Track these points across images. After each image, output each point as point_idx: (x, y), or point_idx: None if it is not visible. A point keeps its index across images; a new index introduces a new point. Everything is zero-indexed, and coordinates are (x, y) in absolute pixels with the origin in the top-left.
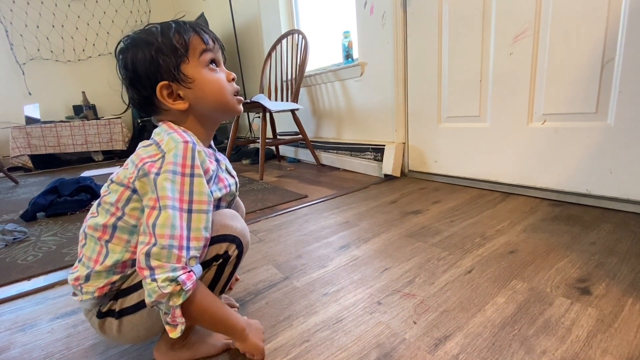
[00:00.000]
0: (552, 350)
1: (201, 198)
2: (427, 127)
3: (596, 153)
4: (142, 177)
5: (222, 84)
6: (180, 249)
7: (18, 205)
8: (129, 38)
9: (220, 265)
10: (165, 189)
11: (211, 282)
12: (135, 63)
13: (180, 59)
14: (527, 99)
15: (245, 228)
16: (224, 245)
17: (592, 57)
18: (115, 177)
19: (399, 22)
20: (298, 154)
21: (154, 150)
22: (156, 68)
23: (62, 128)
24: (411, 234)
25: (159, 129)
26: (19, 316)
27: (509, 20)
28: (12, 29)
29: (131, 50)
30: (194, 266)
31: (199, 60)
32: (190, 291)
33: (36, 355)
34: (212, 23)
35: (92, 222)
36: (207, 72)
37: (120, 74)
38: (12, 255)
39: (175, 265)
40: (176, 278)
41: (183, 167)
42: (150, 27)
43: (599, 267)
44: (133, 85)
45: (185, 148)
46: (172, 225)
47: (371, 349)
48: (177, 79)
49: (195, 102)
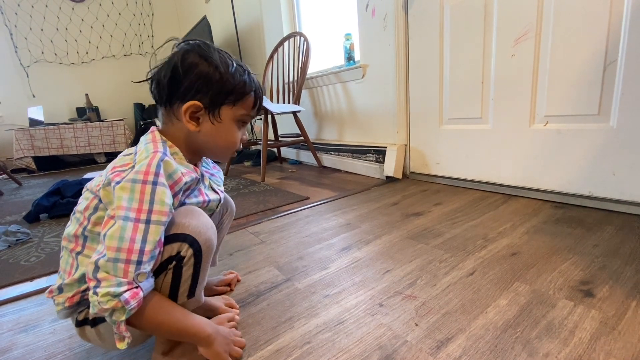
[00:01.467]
0: (554, 353)
1: (162, 208)
2: (428, 129)
3: (599, 155)
4: (106, 186)
5: (234, 142)
6: (127, 262)
7: (21, 206)
8: (205, 44)
9: (175, 268)
10: (121, 198)
11: (172, 286)
12: (192, 69)
13: (228, 101)
14: (529, 100)
15: (204, 224)
16: (175, 246)
17: (594, 59)
18: (89, 184)
19: (401, 24)
20: (300, 156)
21: (128, 160)
22: (205, 88)
23: (65, 130)
24: (413, 236)
25: (145, 137)
26: (22, 317)
27: (511, 22)
28: (17, 32)
29: (199, 56)
30: (143, 282)
31: (236, 114)
32: (135, 309)
33: (38, 356)
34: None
35: (66, 232)
36: (234, 125)
37: (170, 61)
38: (15, 256)
39: (121, 280)
40: (119, 294)
41: (146, 175)
42: (229, 54)
43: (602, 270)
44: (172, 80)
45: (153, 157)
46: (121, 237)
47: (373, 350)
48: (211, 111)
49: (204, 135)
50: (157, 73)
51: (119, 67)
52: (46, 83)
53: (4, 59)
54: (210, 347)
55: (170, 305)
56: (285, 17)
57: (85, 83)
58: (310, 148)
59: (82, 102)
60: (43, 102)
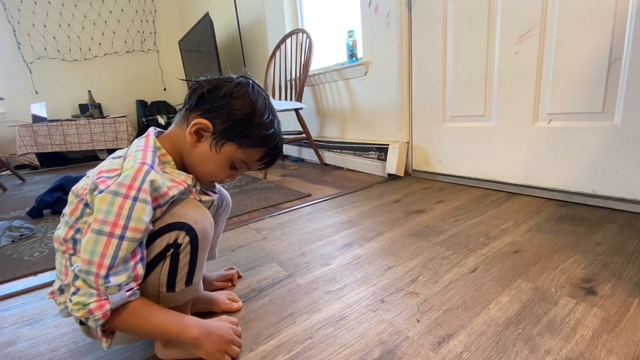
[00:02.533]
0: (556, 350)
1: (137, 225)
2: (431, 126)
3: (602, 153)
4: (92, 191)
5: (218, 177)
6: (97, 276)
7: (25, 202)
8: (261, 88)
9: (173, 255)
10: (99, 210)
11: (169, 273)
12: (230, 96)
13: (237, 141)
14: (533, 98)
15: (199, 214)
16: (173, 234)
17: (599, 56)
18: (75, 186)
19: (404, 21)
20: (301, 154)
21: (116, 165)
22: (227, 118)
23: (68, 126)
24: (415, 233)
25: (137, 141)
26: (26, 311)
27: (515, 19)
28: (20, 28)
29: (245, 92)
30: (114, 294)
31: (236, 155)
32: (101, 320)
33: (42, 349)
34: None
35: (56, 234)
36: (227, 163)
37: (221, 79)
38: (18, 251)
39: (91, 291)
40: (87, 304)
41: (128, 189)
42: (274, 110)
43: (604, 268)
44: (208, 93)
45: (139, 169)
46: (92, 251)
47: (374, 346)
48: (217, 139)
49: (196, 154)
50: (204, 81)
51: (121, 64)
52: (49, 79)
53: (7, 55)
54: (199, 348)
55: (150, 311)
56: (288, 13)
57: (87, 80)
58: (312, 145)
59: (85, 98)
60: (46, 98)
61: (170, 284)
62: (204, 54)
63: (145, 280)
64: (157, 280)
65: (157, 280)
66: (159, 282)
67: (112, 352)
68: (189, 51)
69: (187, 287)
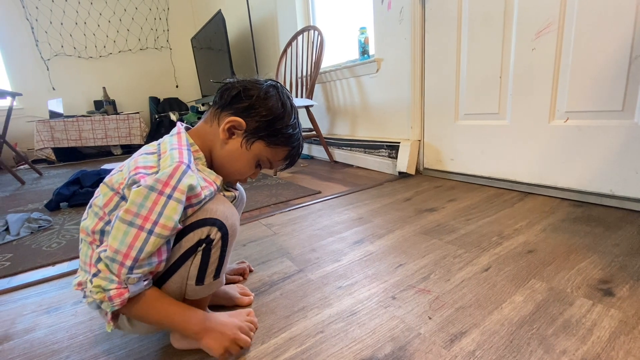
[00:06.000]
0: (572, 350)
1: (166, 223)
2: (443, 124)
3: (621, 153)
4: (130, 185)
5: (244, 174)
6: (121, 265)
7: (42, 195)
8: (288, 92)
9: (205, 250)
10: (133, 203)
11: (200, 268)
12: (266, 99)
13: (267, 139)
14: (550, 96)
15: (229, 210)
16: (205, 230)
17: (620, 53)
18: (108, 179)
19: (417, 17)
20: (311, 151)
21: (152, 162)
22: (262, 117)
23: (83, 122)
24: (426, 231)
25: (170, 138)
26: (44, 299)
27: (532, 15)
28: (38, 26)
29: (278, 95)
30: (132, 285)
31: (263, 153)
32: (117, 307)
33: (60, 337)
34: (229, 19)
35: (83, 225)
36: (254, 161)
37: (254, 80)
38: (37, 242)
39: (113, 278)
40: (107, 290)
41: (164, 186)
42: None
43: (622, 269)
44: (242, 93)
45: (177, 168)
46: (122, 240)
47: (386, 341)
48: (248, 137)
49: (226, 151)
50: (236, 81)
51: (135, 61)
52: (65, 76)
53: (26, 52)
54: (200, 341)
55: (161, 302)
56: (300, 10)
57: (102, 76)
58: (322, 143)
59: (100, 95)
60: (62, 94)
61: (200, 277)
62: (215, 51)
63: (174, 274)
64: (187, 274)
65: (186, 274)
66: (188, 275)
67: (127, 340)
68: (200, 48)
69: (215, 280)
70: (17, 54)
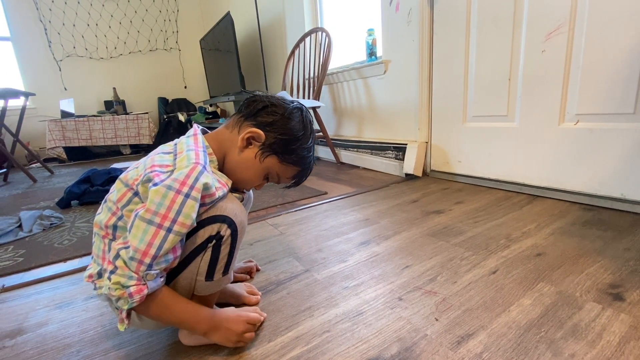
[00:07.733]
0: (581, 354)
1: (185, 221)
2: (451, 126)
3: (633, 156)
4: (145, 182)
5: (252, 183)
6: (140, 262)
7: (53, 193)
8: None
9: (215, 246)
10: (152, 201)
11: (210, 264)
12: (289, 119)
13: (281, 156)
14: (559, 98)
15: (238, 208)
16: (215, 226)
17: (632, 55)
18: (124, 175)
19: (426, 19)
20: (318, 152)
21: (168, 161)
22: (282, 134)
23: (94, 122)
24: (433, 233)
25: (187, 139)
26: (56, 295)
27: (542, 16)
28: (51, 27)
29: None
30: (151, 281)
31: (273, 168)
32: (136, 303)
33: (72, 331)
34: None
35: (97, 219)
36: (263, 173)
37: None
38: (49, 239)
39: (132, 274)
40: (127, 286)
41: (182, 185)
42: (314, 139)
43: (633, 274)
44: (269, 108)
45: (193, 169)
46: (141, 238)
47: (392, 342)
48: (264, 150)
49: (240, 158)
50: (265, 96)
51: (144, 62)
52: (77, 77)
53: (39, 53)
54: (210, 338)
55: (173, 301)
56: (308, 12)
57: (113, 77)
58: (328, 144)
59: (110, 95)
60: (74, 94)
61: (209, 273)
62: (223, 52)
63: (184, 270)
64: (197, 270)
65: (196, 270)
66: (198, 271)
67: (137, 336)
68: (209, 50)
69: (224, 276)
70: (31, 55)
